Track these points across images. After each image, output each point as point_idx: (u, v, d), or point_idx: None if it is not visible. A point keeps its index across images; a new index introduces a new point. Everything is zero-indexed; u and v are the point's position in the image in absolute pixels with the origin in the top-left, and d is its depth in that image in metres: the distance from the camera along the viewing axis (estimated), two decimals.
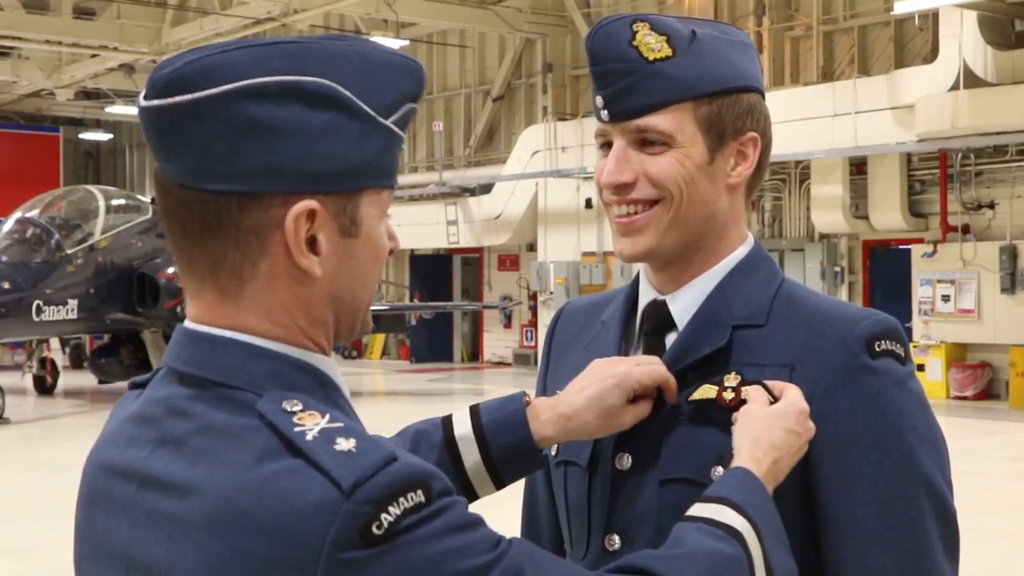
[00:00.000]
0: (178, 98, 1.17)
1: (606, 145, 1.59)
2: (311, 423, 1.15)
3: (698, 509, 1.39)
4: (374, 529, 1.10)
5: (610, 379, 1.51)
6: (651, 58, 1.52)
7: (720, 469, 1.48)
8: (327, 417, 1.16)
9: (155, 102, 1.19)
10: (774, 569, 1.37)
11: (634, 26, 1.53)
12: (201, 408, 1.19)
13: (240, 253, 1.20)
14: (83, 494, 1.30)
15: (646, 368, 1.52)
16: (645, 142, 1.54)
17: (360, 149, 1.22)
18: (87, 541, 1.28)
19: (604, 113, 1.56)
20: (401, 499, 1.11)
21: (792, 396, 1.48)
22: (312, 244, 1.21)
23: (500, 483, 1.56)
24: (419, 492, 1.12)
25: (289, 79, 1.18)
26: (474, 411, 1.57)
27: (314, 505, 1.10)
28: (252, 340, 1.21)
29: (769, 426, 1.45)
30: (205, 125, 1.17)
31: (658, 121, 1.53)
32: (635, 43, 1.53)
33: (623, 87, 1.53)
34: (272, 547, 1.10)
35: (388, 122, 1.25)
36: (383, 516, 1.10)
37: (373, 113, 1.23)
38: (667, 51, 1.53)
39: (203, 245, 1.21)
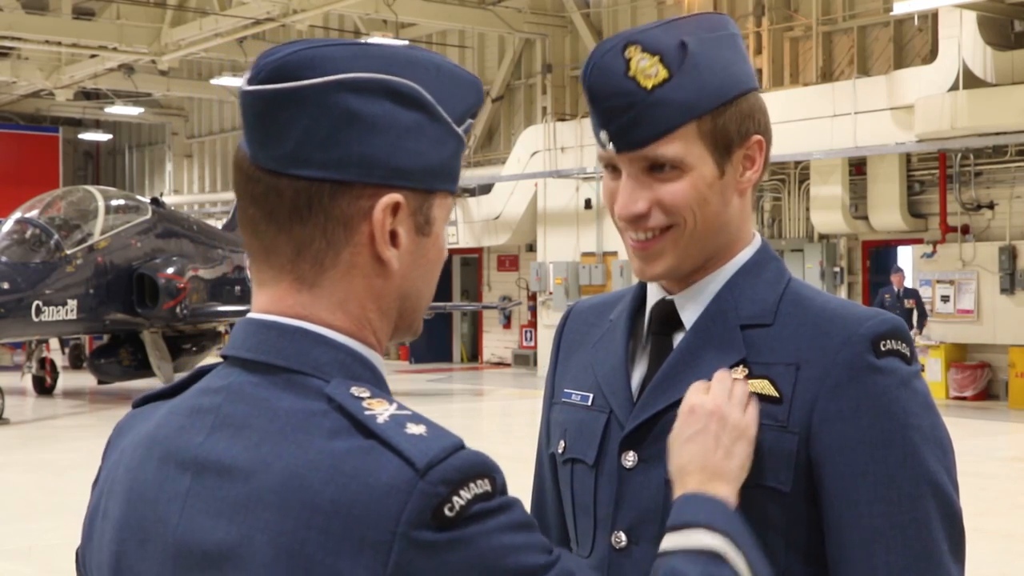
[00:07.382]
0: (284, 84, 1.20)
1: (611, 167, 1.59)
2: (380, 408, 1.17)
3: (668, 542, 1.41)
4: (446, 511, 1.11)
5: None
6: (649, 86, 1.51)
7: None
8: (395, 404, 1.19)
9: (261, 87, 1.21)
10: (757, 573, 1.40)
11: (626, 53, 1.51)
12: (266, 393, 1.20)
13: (326, 240, 1.23)
14: (120, 492, 1.26)
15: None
16: (654, 167, 1.54)
17: (438, 151, 1.26)
18: (131, 536, 1.24)
19: (610, 146, 1.55)
20: (472, 484, 1.12)
21: (690, 400, 1.49)
22: (393, 238, 1.24)
23: None
24: (486, 481, 1.14)
25: (383, 77, 1.23)
26: None
27: (388, 484, 1.11)
28: (319, 329, 1.24)
29: (676, 451, 1.48)
30: (307, 112, 1.20)
31: (666, 149, 1.52)
32: (631, 73, 1.51)
33: (626, 122, 1.52)
34: (346, 526, 1.10)
35: (459, 130, 1.29)
36: (455, 499, 1.11)
37: (449, 119, 1.27)
38: (663, 74, 1.51)
39: (290, 232, 1.23)
